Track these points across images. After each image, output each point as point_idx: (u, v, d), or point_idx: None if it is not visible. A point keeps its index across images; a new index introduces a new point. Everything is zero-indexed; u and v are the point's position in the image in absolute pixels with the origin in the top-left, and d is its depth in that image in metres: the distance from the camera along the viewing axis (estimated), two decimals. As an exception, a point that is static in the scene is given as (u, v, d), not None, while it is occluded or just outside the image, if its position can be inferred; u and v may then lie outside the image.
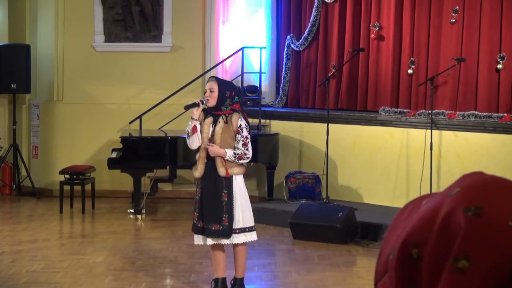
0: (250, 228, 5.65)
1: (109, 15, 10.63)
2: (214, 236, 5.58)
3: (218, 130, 5.53)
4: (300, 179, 9.24)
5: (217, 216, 5.54)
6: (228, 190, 5.56)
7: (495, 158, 8.14)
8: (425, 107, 8.87)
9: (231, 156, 5.49)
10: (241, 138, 5.54)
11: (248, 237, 5.64)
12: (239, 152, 5.52)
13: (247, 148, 5.55)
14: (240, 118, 5.55)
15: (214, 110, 5.59)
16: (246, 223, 5.62)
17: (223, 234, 5.55)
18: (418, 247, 0.94)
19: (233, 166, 5.55)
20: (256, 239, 5.73)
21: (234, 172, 5.57)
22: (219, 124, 5.55)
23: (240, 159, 5.53)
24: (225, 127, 5.54)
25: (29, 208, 9.85)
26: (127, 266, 6.79)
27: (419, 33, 9.12)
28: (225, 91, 5.56)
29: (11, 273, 6.52)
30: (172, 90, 10.06)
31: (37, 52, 10.85)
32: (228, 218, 5.54)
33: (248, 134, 5.59)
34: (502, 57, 8.41)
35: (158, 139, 9.33)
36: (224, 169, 5.52)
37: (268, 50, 10.57)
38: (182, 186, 10.56)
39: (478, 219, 0.90)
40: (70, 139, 10.65)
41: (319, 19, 10.13)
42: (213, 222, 5.55)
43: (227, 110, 5.56)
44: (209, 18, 10.61)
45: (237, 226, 5.58)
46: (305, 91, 10.40)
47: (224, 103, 5.55)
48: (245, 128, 5.56)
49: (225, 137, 5.53)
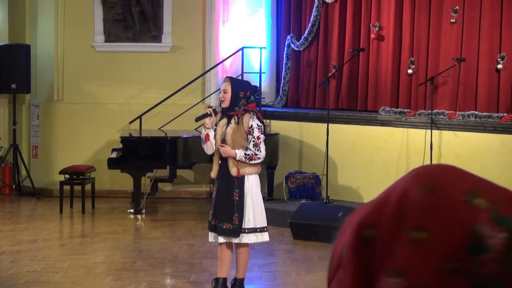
0: (262, 228, 5.66)
1: (109, 15, 10.63)
2: (225, 234, 5.61)
3: (229, 131, 5.57)
4: (300, 179, 9.25)
5: (229, 215, 5.58)
6: (240, 189, 5.58)
7: (495, 158, 8.14)
8: (425, 107, 8.87)
9: (242, 157, 5.53)
10: (252, 138, 5.56)
11: (259, 237, 5.65)
12: (250, 152, 5.54)
13: (258, 148, 5.56)
14: (252, 119, 5.57)
15: (228, 111, 5.63)
16: (258, 223, 5.63)
17: (232, 233, 5.58)
18: (373, 228, 0.96)
19: (245, 166, 5.58)
20: (267, 240, 5.73)
21: (246, 172, 5.59)
22: (230, 125, 5.59)
23: (251, 159, 5.55)
24: (236, 128, 5.57)
25: (29, 208, 9.85)
26: (127, 266, 6.79)
27: (419, 33, 9.12)
28: (238, 92, 5.58)
29: (11, 273, 6.52)
30: (172, 90, 10.06)
31: (37, 52, 10.84)
32: (239, 217, 5.56)
33: (261, 134, 5.60)
34: (502, 57, 8.41)
35: (158, 139, 9.33)
36: (236, 169, 5.55)
37: (268, 50, 10.57)
38: (182, 186, 10.56)
39: (433, 192, 0.94)
40: (70, 139, 10.65)
41: (319, 19, 10.14)
42: (224, 221, 5.59)
43: (239, 111, 5.59)
44: (209, 18, 10.61)
45: (247, 226, 5.59)
46: (305, 91, 10.40)
47: (238, 103, 5.58)
48: (256, 128, 5.57)
49: (236, 138, 5.55)
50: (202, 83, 10.54)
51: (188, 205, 10.06)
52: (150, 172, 9.66)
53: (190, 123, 8.58)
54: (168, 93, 10.08)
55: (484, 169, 8.01)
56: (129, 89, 10.67)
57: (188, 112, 9.91)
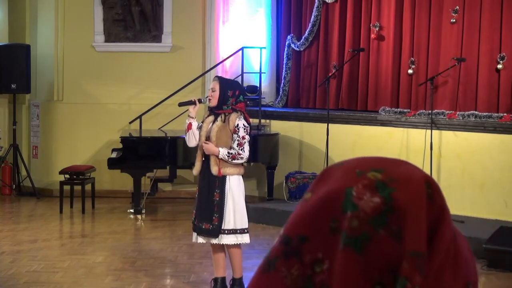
0: (242, 230, 5.61)
1: (109, 15, 10.63)
2: (204, 234, 5.59)
3: (214, 129, 5.55)
4: (300, 179, 9.25)
5: (208, 215, 5.55)
6: (221, 190, 5.55)
7: (495, 158, 8.14)
8: (425, 107, 8.87)
9: (224, 155, 5.49)
10: (237, 138, 5.53)
11: (239, 239, 5.60)
12: (233, 152, 5.51)
13: (242, 148, 5.53)
14: (239, 118, 5.55)
15: (216, 109, 5.61)
16: (238, 224, 5.59)
17: (211, 233, 5.55)
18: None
19: (227, 166, 5.54)
20: (248, 242, 5.68)
21: (227, 172, 5.55)
22: (216, 122, 5.57)
23: (234, 159, 5.51)
24: (222, 126, 5.54)
25: (29, 208, 9.85)
26: (127, 266, 6.79)
27: (419, 33, 9.12)
28: (227, 91, 5.55)
29: (11, 273, 6.52)
30: (172, 90, 10.05)
31: (37, 52, 10.84)
32: (218, 218, 5.53)
33: (246, 134, 5.56)
34: (502, 57, 8.41)
35: (158, 139, 9.33)
36: (217, 168, 5.52)
37: (268, 50, 10.57)
38: (182, 186, 10.56)
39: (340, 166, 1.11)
40: (70, 139, 10.65)
41: (319, 19, 10.14)
42: (204, 221, 5.57)
43: (227, 110, 5.57)
44: (209, 18, 10.61)
45: (227, 227, 5.56)
46: (305, 91, 10.40)
47: (226, 102, 5.55)
48: (242, 128, 5.54)
49: (221, 136, 5.53)
50: (202, 83, 10.54)
51: (188, 205, 10.04)
52: (150, 172, 9.66)
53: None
54: (168, 93, 10.07)
55: (484, 169, 8.01)
56: (129, 89, 10.67)
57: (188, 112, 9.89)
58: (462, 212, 7.94)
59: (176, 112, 9.98)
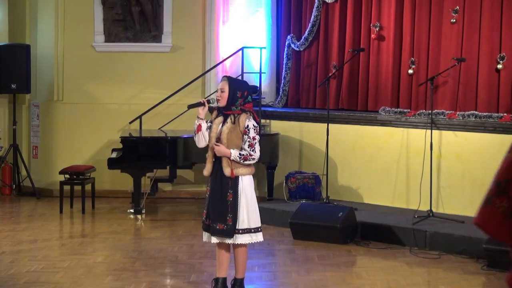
0: (256, 229, 5.64)
1: (109, 15, 10.64)
2: (218, 235, 5.59)
3: (224, 130, 5.54)
4: (300, 179, 9.25)
5: (222, 216, 5.55)
6: (234, 190, 5.56)
7: (495, 158, 8.13)
8: (425, 107, 8.87)
9: (236, 157, 5.50)
10: (248, 139, 5.53)
11: (253, 237, 5.63)
12: (245, 153, 5.52)
13: (253, 149, 5.54)
14: (248, 119, 5.54)
15: (225, 110, 5.60)
16: (252, 223, 5.61)
17: (226, 234, 5.56)
18: None
19: (239, 166, 5.56)
20: (261, 240, 5.71)
21: (240, 172, 5.57)
22: (226, 124, 5.56)
23: (246, 160, 5.53)
24: (232, 128, 5.54)
25: (29, 208, 9.85)
26: (127, 266, 6.79)
27: (419, 33, 9.12)
28: (236, 91, 5.54)
29: (11, 273, 6.52)
30: (172, 90, 10.06)
31: (37, 52, 10.85)
32: (232, 218, 5.54)
33: (256, 135, 5.57)
34: (502, 57, 8.41)
35: (158, 139, 9.33)
36: (229, 169, 5.53)
37: (268, 50, 10.57)
38: (182, 186, 10.57)
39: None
40: (70, 139, 10.66)
41: (319, 19, 10.14)
42: (218, 221, 5.57)
43: (236, 110, 5.55)
44: (209, 18, 10.61)
45: (241, 226, 5.57)
46: (305, 91, 10.40)
47: (235, 103, 5.54)
48: (252, 129, 5.54)
49: (231, 137, 5.53)
50: (202, 83, 10.55)
51: (188, 205, 10.06)
52: (150, 172, 9.66)
53: (190, 123, 8.58)
54: (168, 93, 10.08)
55: (484, 169, 8.01)
56: (129, 89, 10.67)
57: (188, 112, 9.89)
58: (462, 212, 7.93)
59: (176, 112, 10.00)
